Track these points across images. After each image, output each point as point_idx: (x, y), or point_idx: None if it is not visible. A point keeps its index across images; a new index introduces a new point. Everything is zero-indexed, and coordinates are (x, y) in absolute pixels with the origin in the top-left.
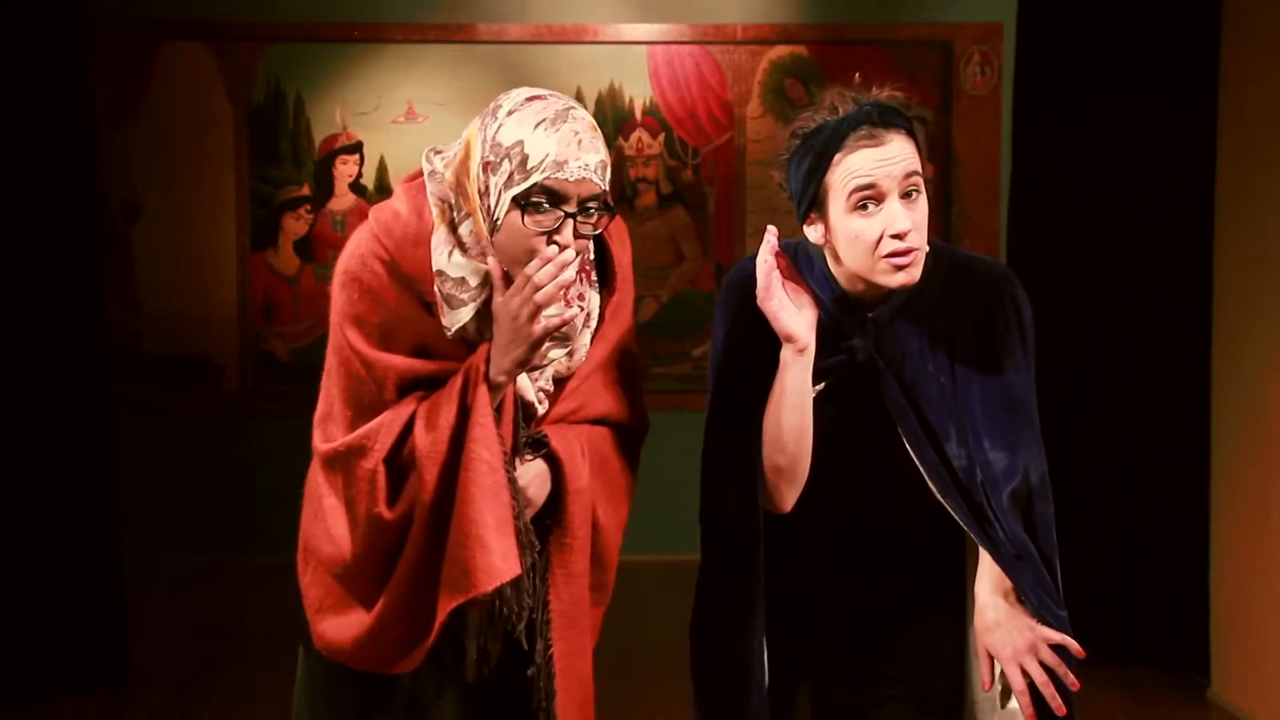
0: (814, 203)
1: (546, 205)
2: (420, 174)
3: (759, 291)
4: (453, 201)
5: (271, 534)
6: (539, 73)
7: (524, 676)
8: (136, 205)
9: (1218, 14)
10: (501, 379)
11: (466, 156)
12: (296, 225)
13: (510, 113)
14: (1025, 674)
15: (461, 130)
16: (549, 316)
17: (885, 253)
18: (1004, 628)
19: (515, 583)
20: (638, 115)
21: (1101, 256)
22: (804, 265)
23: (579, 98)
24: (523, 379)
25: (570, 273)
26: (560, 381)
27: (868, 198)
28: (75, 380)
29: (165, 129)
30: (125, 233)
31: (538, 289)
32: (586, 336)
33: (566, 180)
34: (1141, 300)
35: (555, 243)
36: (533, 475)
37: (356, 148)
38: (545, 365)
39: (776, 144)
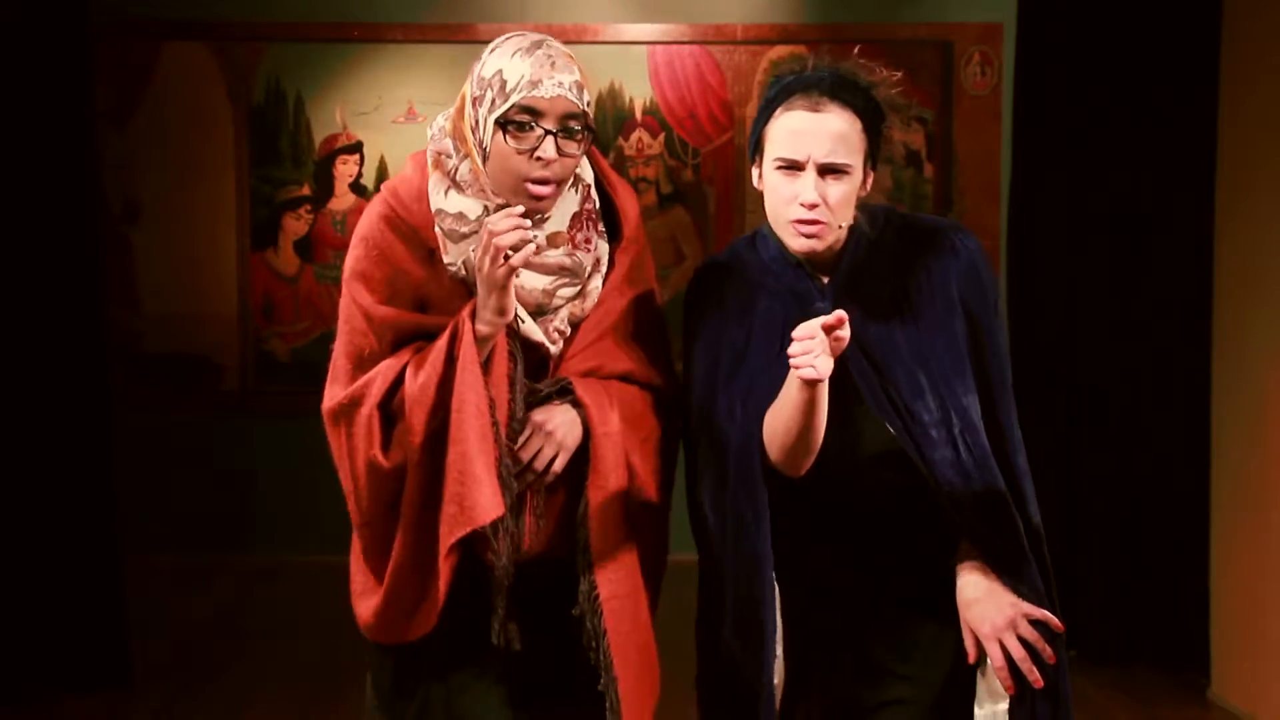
0: (757, 149)
1: (527, 125)
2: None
3: (804, 365)
4: (451, 150)
5: (271, 534)
6: None
7: (580, 646)
8: (136, 205)
9: (1218, 14)
10: (486, 329)
11: (461, 103)
12: (296, 225)
13: (492, 51)
14: (1005, 650)
15: None
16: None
17: (792, 216)
18: (984, 603)
19: (500, 522)
20: (638, 115)
21: (1101, 256)
22: (760, 247)
23: None
24: (531, 324)
25: (526, 222)
26: (576, 326)
27: (788, 163)
28: (75, 380)
29: (165, 129)
30: (125, 233)
31: (495, 235)
32: (597, 280)
33: (542, 97)
34: (1141, 300)
35: (539, 159)
36: (561, 420)
37: (356, 148)
38: (559, 307)
39: None
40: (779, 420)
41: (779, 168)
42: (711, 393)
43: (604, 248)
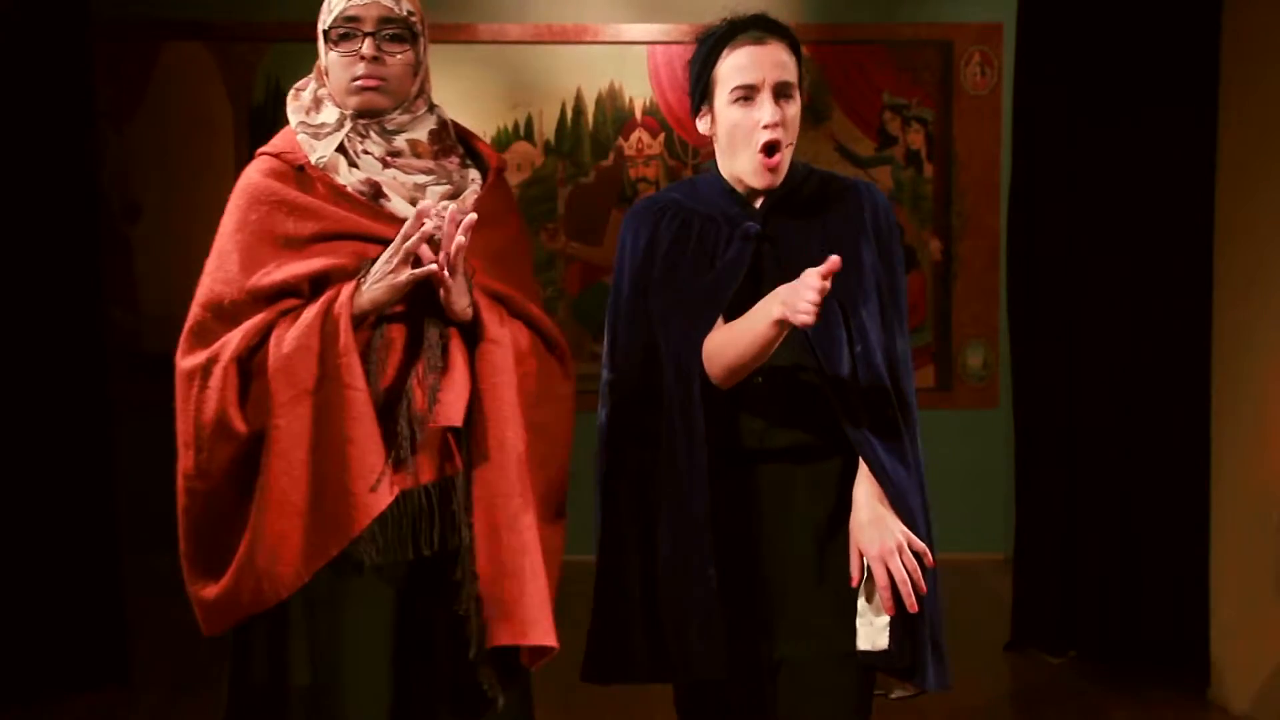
0: (704, 95)
1: (349, 33)
2: None
3: (807, 314)
4: (306, 94)
5: None
6: (539, 73)
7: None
8: (136, 205)
9: (1218, 15)
10: (360, 312)
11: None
12: None
13: None
14: (889, 572)
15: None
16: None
17: (759, 144)
18: (875, 526)
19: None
20: (638, 115)
21: (1101, 256)
22: (697, 182)
23: (579, 98)
24: (400, 201)
25: (430, 225)
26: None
27: (746, 91)
28: (75, 380)
29: (165, 129)
30: (125, 233)
31: (406, 239)
32: (469, 195)
33: (358, 4)
34: (1141, 300)
35: (362, 58)
36: (460, 294)
37: None
38: (436, 205)
39: None
40: (732, 346)
41: (736, 99)
42: (641, 293)
43: (473, 174)
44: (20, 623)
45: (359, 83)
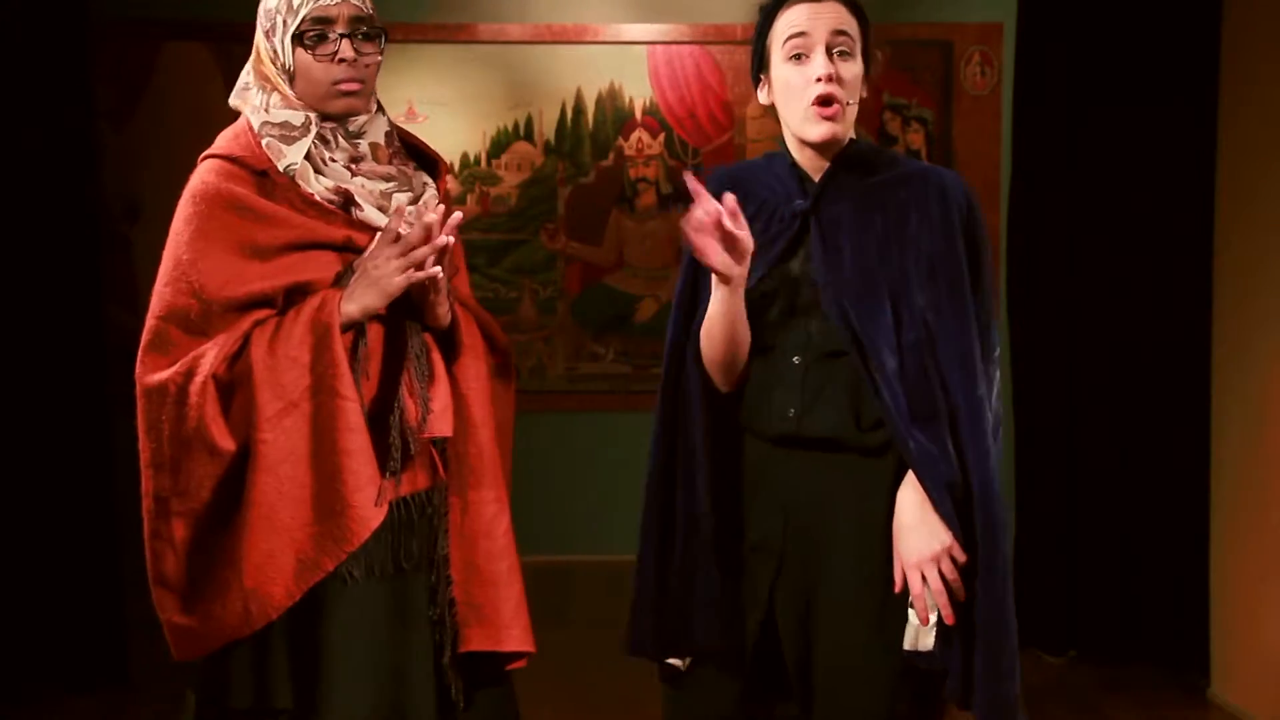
0: (762, 63)
1: (321, 34)
2: None
3: (702, 254)
4: (257, 97)
5: None
6: (539, 73)
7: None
8: (136, 205)
9: (1218, 14)
10: (348, 320)
11: (255, 50)
12: None
13: None
14: (925, 580)
15: (461, 130)
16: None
17: (811, 99)
18: (916, 531)
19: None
20: (638, 115)
21: (1101, 256)
22: (769, 161)
23: (579, 98)
24: (372, 210)
25: (444, 239)
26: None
27: (799, 48)
28: (75, 380)
29: (165, 129)
30: (125, 233)
31: (411, 248)
32: (429, 196)
33: (329, 5)
34: (1141, 300)
35: (341, 60)
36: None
37: None
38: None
39: (776, 145)
40: (706, 332)
41: (791, 56)
42: (691, 281)
43: (425, 175)
44: (20, 623)
45: (341, 86)
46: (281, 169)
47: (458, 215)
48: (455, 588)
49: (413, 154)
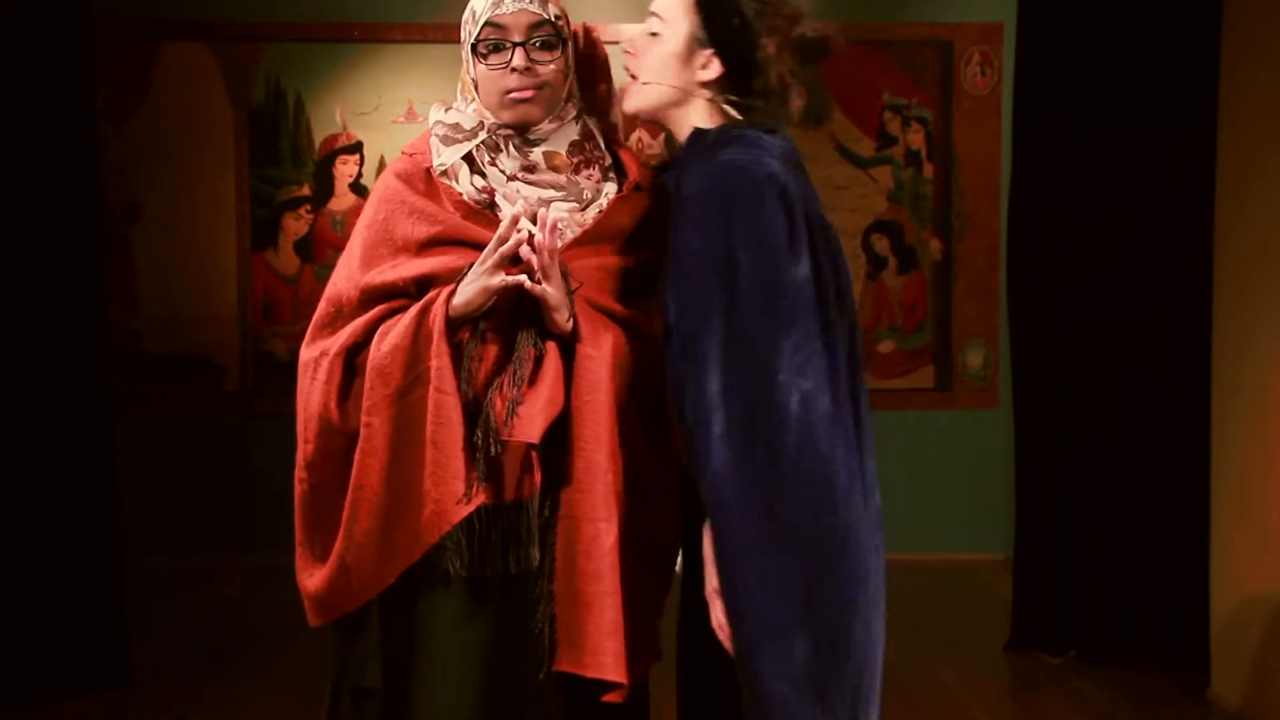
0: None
1: (498, 43)
2: None
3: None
4: (456, 102)
5: (271, 534)
6: None
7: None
8: (136, 205)
9: (1218, 14)
10: (456, 315)
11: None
12: (297, 225)
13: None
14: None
15: None
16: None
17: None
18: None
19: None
20: None
21: (1101, 256)
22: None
23: None
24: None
25: (524, 233)
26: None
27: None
28: (75, 380)
29: (165, 129)
30: (125, 233)
31: (503, 243)
32: (594, 212)
33: (505, 13)
34: (1141, 300)
35: (512, 70)
36: (557, 292)
37: (356, 148)
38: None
39: None
40: None
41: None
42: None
43: (609, 187)
44: (20, 623)
45: (512, 96)
46: (434, 167)
47: (554, 219)
48: (555, 603)
49: (616, 165)
